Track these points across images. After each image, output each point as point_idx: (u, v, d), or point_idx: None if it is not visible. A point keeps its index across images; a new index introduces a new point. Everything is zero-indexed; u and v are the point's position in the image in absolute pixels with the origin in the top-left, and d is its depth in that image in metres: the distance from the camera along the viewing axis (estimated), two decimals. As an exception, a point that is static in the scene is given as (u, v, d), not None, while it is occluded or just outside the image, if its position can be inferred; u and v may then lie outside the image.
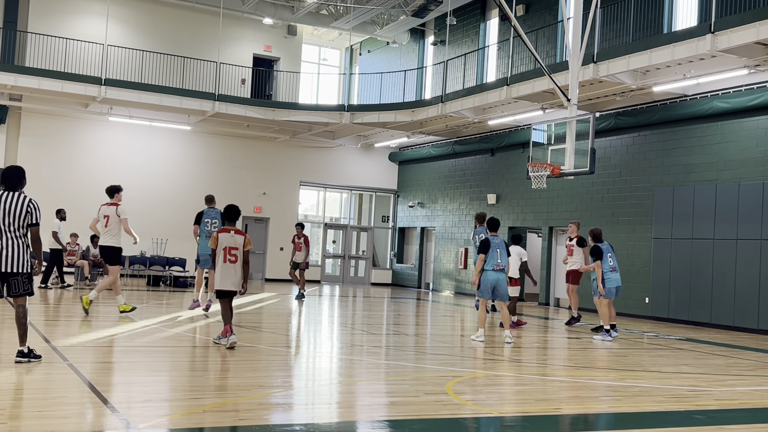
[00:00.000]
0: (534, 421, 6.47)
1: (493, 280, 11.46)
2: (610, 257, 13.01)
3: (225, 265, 9.46)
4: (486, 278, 11.49)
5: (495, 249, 11.51)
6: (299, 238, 18.34)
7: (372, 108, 24.23)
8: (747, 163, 15.94)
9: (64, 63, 23.05)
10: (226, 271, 9.46)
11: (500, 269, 11.52)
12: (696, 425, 6.41)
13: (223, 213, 9.85)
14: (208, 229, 13.29)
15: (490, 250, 11.48)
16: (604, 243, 13.15)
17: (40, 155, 23.56)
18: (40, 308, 12.95)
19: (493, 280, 11.46)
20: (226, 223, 9.77)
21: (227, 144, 26.29)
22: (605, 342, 12.54)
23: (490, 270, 11.50)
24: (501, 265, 11.52)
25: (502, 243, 11.68)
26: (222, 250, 9.46)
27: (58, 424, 5.28)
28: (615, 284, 12.97)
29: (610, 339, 12.80)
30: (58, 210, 18.07)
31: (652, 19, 17.85)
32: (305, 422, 5.89)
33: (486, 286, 11.50)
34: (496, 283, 11.47)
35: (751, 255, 15.57)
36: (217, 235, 9.53)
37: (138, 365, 8.17)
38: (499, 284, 11.49)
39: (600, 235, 13.24)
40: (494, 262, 11.49)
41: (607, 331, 12.89)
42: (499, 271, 11.51)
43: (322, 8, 26.42)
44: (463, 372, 8.82)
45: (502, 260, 11.54)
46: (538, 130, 17.08)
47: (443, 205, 26.07)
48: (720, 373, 9.65)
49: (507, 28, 21.32)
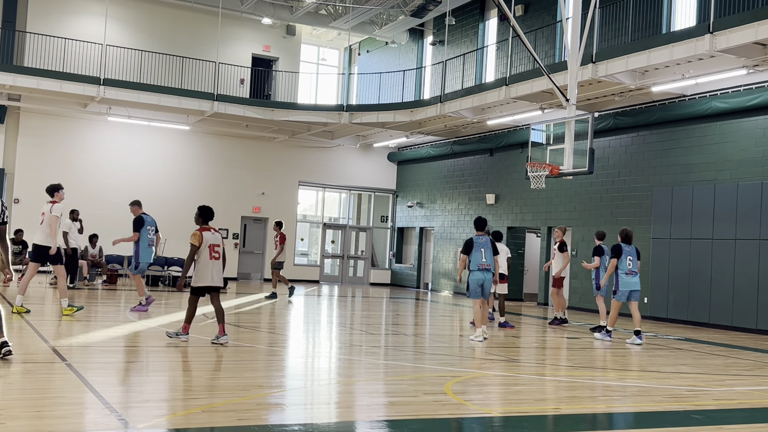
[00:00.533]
0: (533, 421, 6.47)
1: (479, 280, 11.66)
2: (630, 260, 12.56)
3: (211, 262, 9.70)
4: (473, 278, 11.67)
5: (479, 249, 11.66)
6: (277, 237, 18.44)
7: (371, 108, 24.23)
8: (745, 163, 15.95)
9: (63, 63, 23.04)
10: (213, 267, 9.71)
11: (485, 268, 11.66)
12: (695, 425, 6.41)
13: (202, 213, 9.94)
14: (150, 237, 13.32)
15: (473, 250, 11.63)
16: (630, 246, 12.68)
17: (39, 155, 23.55)
18: (38, 308, 12.94)
19: (479, 280, 11.66)
20: (207, 223, 9.94)
21: (226, 144, 26.29)
22: (605, 342, 12.52)
23: (476, 270, 11.66)
24: (486, 265, 11.65)
25: (488, 242, 11.79)
26: (207, 248, 9.69)
27: (57, 424, 5.28)
28: (628, 288, 12.53)
29: (610, 339, 12.72)
30: (71, 210, 17.83)
31: (651, 19, 17.86)
32: (304, 422, 5.89)
33: (474, 286, 11.68)
34: (483, 281, 11.66)
35: (750, 255, 15.58)
36: (201, 233, 9.70)
37: (136, 365, 8.17)
38: (485, 284, 11.68)
39: (629, 236, 12.75)
40: (479, 261, 11.65)
41: (608, 331, 12.77)
42: (484, 270, 11.65)
43: (321, 8, 26.42)
44: (462, 372, 8.82)
45: (487, 259, 11.66)
46: (536, 130, 17.09)
47: (442, 205, 26.07)
48: (719, 373, 9.66)
49: (506, 28, 21.33)
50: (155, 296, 16.56)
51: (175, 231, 24.76)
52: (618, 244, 12.62)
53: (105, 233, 22.53)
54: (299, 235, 28.12)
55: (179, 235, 24.78)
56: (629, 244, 12.70)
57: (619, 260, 12.49)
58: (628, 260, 12.56)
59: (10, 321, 11.09)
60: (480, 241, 11.70)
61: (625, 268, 12.54)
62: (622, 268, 12.53)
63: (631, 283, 12.57)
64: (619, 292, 12.56)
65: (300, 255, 28.83)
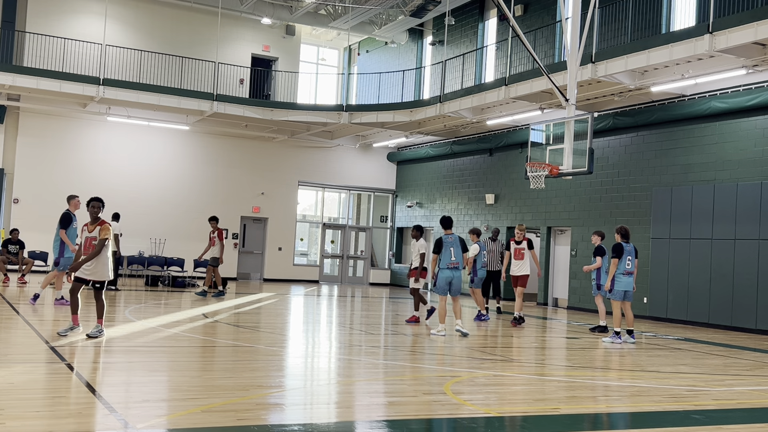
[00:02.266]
0: (532, 421, 6.47)
1: (448, 277, 12.18)
2: (629, 260, 12.49)
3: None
4: (442, 276, 12.19)
5: (448, 248, 12.16)
6: (213, 233, 17.73)
7: (370, 108, 24.23)
8: (745, 163, 15.96)
9: (63, 63, 23.03)
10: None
11: (454, 267, 12.18)
12: (694, 425, 6.41)
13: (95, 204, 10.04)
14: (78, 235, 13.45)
15: (443, 249, 12.15)
16: (629, 244, 12.63)
17: (39, 155, 23.55)
18: (38, 308, 12.95)
19: (448, 277, 12.18)
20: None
21: (225, 144, 26.29)
22: (614, 344, 12.20)
23: (445, 268, 12.18)
24: (455, 263, 12.17)
25: (456, 241, 12.28)
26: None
27: (56, 424, 5.28)
28: (624, 288, 12.48)
29: (620, 342, 12.39)
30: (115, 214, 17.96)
31: (651, 20, 17.87)
32: (303, 422, 5.89)
33: (441, 283, 12.22)
34: (451, 279, 12.15)
35: (749, 255, 15.58)
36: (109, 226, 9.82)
37: (136, 365, 8.17)
38: (454, 281, 12.16)
39: (628, 233, 12.69)
40: (448, 260, 12.18)
41: (617, 333, 12.54)
42: (453, 268, 12.17)
43: (320, 8, 26.42)
44: (461, 372, 8.82)
45: (456, 257, 12.18)
46: (536, 130, 17.09)
47: (441, 205, 26.07)
48: (718, 373, 9.66)
49: (505, 28, 21.34)
50: (155, 296, 16.58)
51: (175, 231, 24.81)
52: (619, 243, 12.55)
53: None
54: (299, 235, 28.12)
55: (179, 235, 24.82)
56: (628, 241, 12.67)
57: (620, 260, 12.44)
58: (627, 260, 12.52)
59: (9, 321, 11.10)
60: (449, 240, 12.23)
61: (623, 269, 12.49)
62: (621, 269, 12.49)
63: (627, 283, 12.54)
64: (615, 292, 12.49)
65: (300, 255, 28.83)
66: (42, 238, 20.89)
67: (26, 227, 21.91)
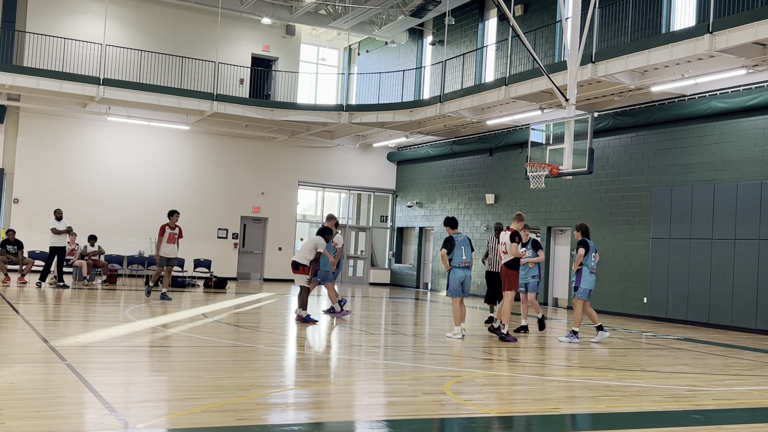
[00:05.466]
0: (532, 421, 6.47)
1: (461, 277, 11.80)
2: (594, 257, 12.35)
3: None
4: (454, 276, 11.79)
5: (459, 246, 11.78)
6: (173, 229, 16.37)
7: (370, 108, 24.23)
8: (745, 163, 15.96)
9: (63, 63, 23.03)
10: None
11: (466, 266, 11.84)
12: (694, 425, 6.41)
13: None
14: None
15: (455, 248, 11.75)
16: (591, 241, 12.46)
17: (39, 155, 23.55)
18: (38, 308, 12.95)
19: (461, 277, 11.80)
20: None
21: (226, 144, 26.28)
22: (572, 344, 11.98)
23: (457, 267, 11.78)
24: (467, 262, 11.84)
25: (466, 240, 11.95)
26: None
27: (56, 424, 5.28)
28: (590, 286, 12.31)
29: (578, 341, 12.18)
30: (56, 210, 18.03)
31: (651, 19, 17.87)
32: (303, 422, 5.89)
33: (455, 284, 11.80)
34: (464, 279, 11.82)
35: (749, 255, 15.58)
36: None
37: (136, 365, 8.17)
38: (466, 281, 11.85)
39: (588, 231, 12.55)
40: (460, 259, 11.78)
41: (574, 332, 12.30)
42: (465, 267, 11.83)
43: (320, 8, 26.42)
44: (462, 372, 8.82)
45: (467, 256, 11.83)
46: (536, 130, 17.09)
47: (441, 205, 26.08)
48: (718, 373, 9.66)
49: (505, 28, 21.34)
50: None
51: (174, 231, 24.71)
52: (585, 240, 12.33)
53: (104, 233, 22.56)
54: (299, 235, 28.10)
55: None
56: (589, 238, 12.50)
57: (586, 256, 12.27)
58: (593, 257, 12.36)
59: (7, 320, 11.10)
60: (459, 238, 11.86)
61: (590, 265, 12.30)
62: (588, 265, 12.29)
63: (592, 281, 12.40)
64: (581, 290, 12.28)
65: (299, 255, 28.77)
66: (42, 238, 20.87)
67: (26, 227, 21.92)
